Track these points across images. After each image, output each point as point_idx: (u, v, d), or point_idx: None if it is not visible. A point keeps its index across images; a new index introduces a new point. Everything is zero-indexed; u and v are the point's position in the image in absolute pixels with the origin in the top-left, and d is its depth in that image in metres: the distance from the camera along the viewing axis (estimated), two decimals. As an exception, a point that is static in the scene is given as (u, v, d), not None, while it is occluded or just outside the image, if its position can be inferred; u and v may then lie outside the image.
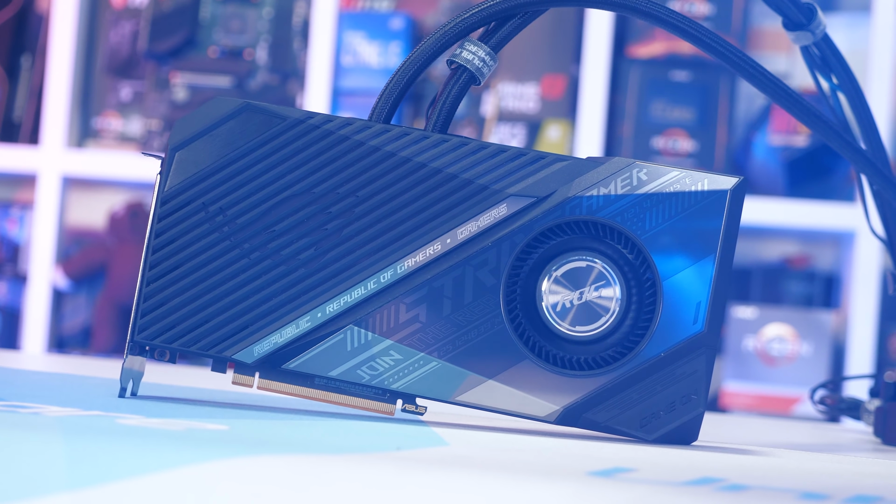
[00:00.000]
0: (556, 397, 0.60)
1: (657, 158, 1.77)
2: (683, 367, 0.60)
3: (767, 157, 1.75)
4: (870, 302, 1.70)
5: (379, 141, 0.62)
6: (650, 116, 1.80)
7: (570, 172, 0.61)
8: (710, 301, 0.60)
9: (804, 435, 0.82)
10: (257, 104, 0.62)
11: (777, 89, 0.68)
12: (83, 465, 0.41)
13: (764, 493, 0.44)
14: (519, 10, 0.64)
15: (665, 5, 0.65)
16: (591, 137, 1.77)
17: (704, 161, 1.77)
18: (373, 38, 1.84)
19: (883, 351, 1.76)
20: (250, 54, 1.89)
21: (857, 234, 1.70)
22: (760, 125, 1.76)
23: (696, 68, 1.79)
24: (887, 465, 0.60)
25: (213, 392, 0.72)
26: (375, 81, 1.84)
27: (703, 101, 1.79)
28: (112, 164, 1.85)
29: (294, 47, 1.88)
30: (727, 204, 0.60)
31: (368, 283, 0.61)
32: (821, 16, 0.73)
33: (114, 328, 1.85)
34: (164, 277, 0.62)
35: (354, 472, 0.43)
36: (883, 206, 0.79)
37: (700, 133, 1.79)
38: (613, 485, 0.44)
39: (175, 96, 1.88)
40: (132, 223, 1.84)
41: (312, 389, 0.62)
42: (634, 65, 1.80)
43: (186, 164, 0.62)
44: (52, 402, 0.56)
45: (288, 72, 1.88)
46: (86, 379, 0.77)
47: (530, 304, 0.61)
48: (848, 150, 0.71)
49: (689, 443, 0.61)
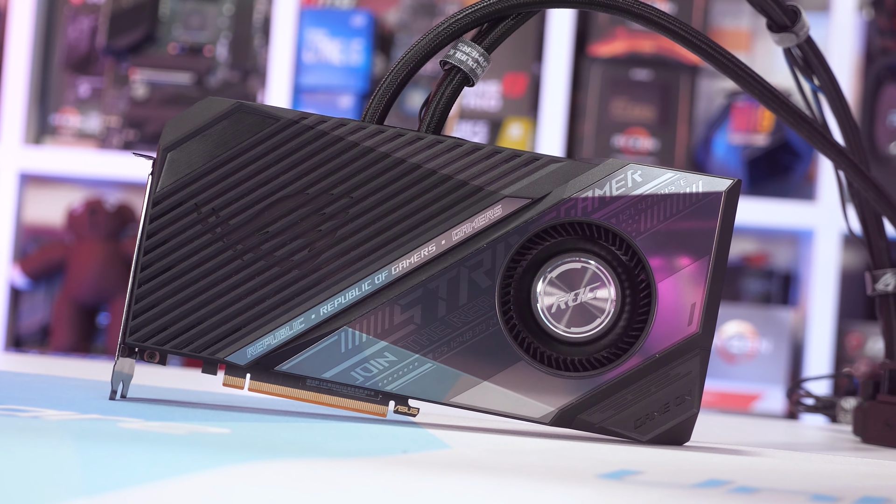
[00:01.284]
0: (551, 399, 0.60)
1: (618, 156, 1.78)
2: (678, 369, 0.60)
3: (727, 155, 1.76)
4: (828, 300, 1.72)
5: (373, 142, 0.62)
6: (611, 115, 1.80)
7: (564, 174, 0.61)
8: (705, 302, 0.60)
9: (783, 434, 0.83)
10: (250, 104, 0.62)
11: (763, 90, 0.68)
12: (99, 470, 0.40)
13: (775, 496, 0.44)
14: (512, 11, 0.64)
15: (656, 7, 0.65)
16: (552, 136, 1.77)
17: (665, 159, 1.77)
18: (334, 36, 1.84)
19: (841, 348, 1.78)
20: (210, 51, 1.88)
21: (816, 233, 1.72)
22: (720, 124, 1.78)
23: (656, 67, 1.80)
24: (881, 465, 0.60)
25: (202, 394, 0.71)
26: (337, 78, 1.83)
27: (663, 99, 1.80)
28: (70, 160, 1.83)
29: (255, 44, 1.88)
30: (722, 206, 0.61)
31: (363, 285, 0.61)
32: (804, 18, 0.74)
33: (72, 326, 1.84)
34: (157, 279, 0.62)
35: (369, 477, 0.42)
36: (862, 207, 0.79)
37: (660, 131, 1.79)
38: (627, 488, 0.44)
39: (134, 93, 1.86)
40: (91, 220, 1.82)
41: (304, 391, 0.62)
42: (595, 63, 1.81)
43: (178, 164, 0.62)
44: (46, 406, 0.56)
45: (248, 68, 1.87)
46: (68, 380, 0.76)
47: (525, 306, 0.61)
48: (831, 151, 0.72)
49: (681, 443, 0.61)
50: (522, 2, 0.64)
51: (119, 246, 1.84)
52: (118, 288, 1.83)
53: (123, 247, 1.84)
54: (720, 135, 1.77)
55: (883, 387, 0.78)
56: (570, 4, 0.64)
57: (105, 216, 1.83)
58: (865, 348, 1.78)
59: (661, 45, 1.80)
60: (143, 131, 1.85)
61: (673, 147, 1.79)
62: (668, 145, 1.79)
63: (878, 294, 0.80)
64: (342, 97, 1.83)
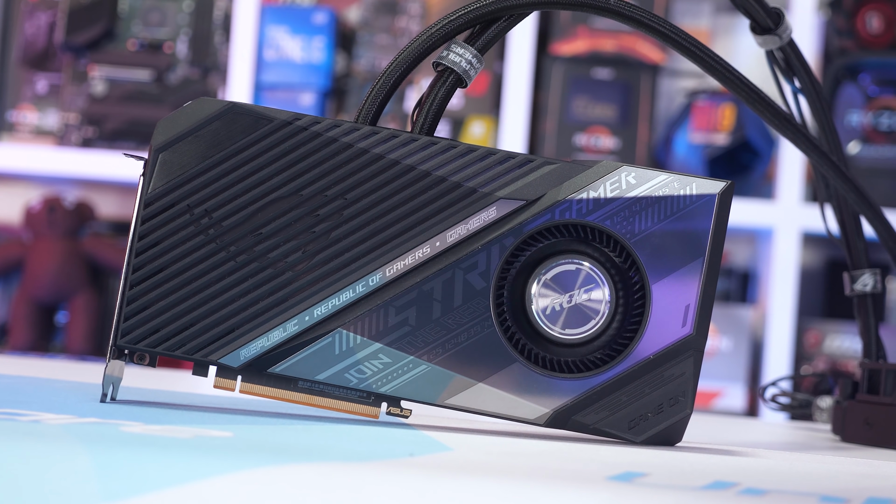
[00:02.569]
0: (546, 400, 0.61)
1: (579, 155, 1.79)
2: (672, 370, 0.61)
3: (688, 154, 1.77)
4: (787, 298, 1.73)
5: (367, 143, 0.61)
6: (573, 113, 1.81)
7: (558, 176, 0.61)
8: (699, 304, 0.61)
9: (761, 433, 0.83)
10: (243, 105, 0.62)
11: (751, 93, 0.69)
12: (116, 476, 0.40)
13: (785, 497, 0.45)
14: (504, 12, 0.64)
15: (651, 11, 0.65)
16: (514, 134, 1.77)
17: (626, 158, 1.78)
18: (296, 33, 1.83)
19: (799, 346, 1.79)
20: (170, 48, 1.87)
21: (775, 231, 1.73)
22: (681, 123, 1.78)
23: (617, 66, 1.81)
24: (873, 464, 0.61)
25: (192, 396, 0.71)
26: (299, 76, 1.83)
27: (624, 98, 1.81)
28: (28, 157, 1.81)
29: (215, 41, 1.87)
30: (715, 208, 0.61)
31: (357, 287, 0.61)
32: (787, 20, 0.74)
33: (30, 325, 1.82)
34: (148, 280, 0.61)
35: (385, 481, 0.42)
36: (841, 208, 0.80)
37: (622, 130, 1.80)
38: (640, 491, 0.44)
39: (93, 90, 1.85)
40: (49, 218, 1.80)
41: (295, 392, 0.62)
42: (557, 62, 1.81)
43: (171, 165, 0.61)
44: (41, 409, 0.55)
45: (209, 66, 1.86)
46: (52, 382, 0.75)
47: (520, 308, 0.61)
48: (814, 153, 0.73)
49: (673, 443, 0.61)
50: (515, 4, 0.64)
51: (78, 244, 1.83)
52: (77, 286, 1.82)
53: (82, 245, 1.83)
54: (681, 134, 1.78)
55: (862, 386, 0.78)
56: (561, 6, 0.64)
57: (63, 214, 1.81)
58: (823, 346, 1.79)
59: (622, 45, 1.81)
60: (102, 128, 1.84)
61: (634, 146, 1.80)
62: (629, 144, 1.80)
63: (856, 294, 0.81)
64: (304, 95, 1.82)
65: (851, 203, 0.78)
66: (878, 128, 1.76)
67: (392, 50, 1.84)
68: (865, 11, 1.78)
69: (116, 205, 1.98)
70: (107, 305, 1.86)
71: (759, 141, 1.77)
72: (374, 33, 1.85)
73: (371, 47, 1.85)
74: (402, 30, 1.85)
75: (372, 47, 1.85)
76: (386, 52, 1.84)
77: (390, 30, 1.85)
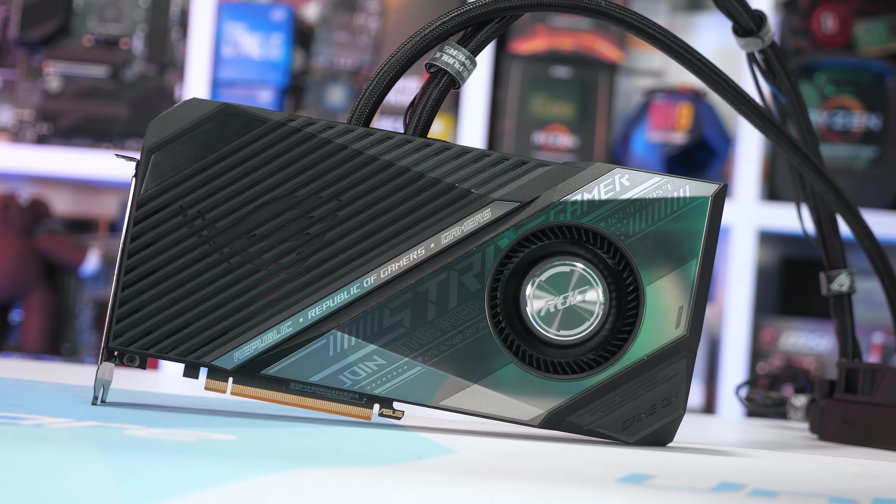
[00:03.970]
0: (541, 401, 0.61)
1: (538, 153, 1.79)
2: (665, 371, 0.61)
3: (646, 152, 1.78)
4: (744, 295, 1.74)
5: (362, 144, 0.61)
6: (531, 112, 1.81)
7: (552, 177, 0.61)
8: (692, 305, 0.61)
9: (740, 432, 0.84)
10: (237, 106, 0.61)
11: (737, 95, 0.69)
12: (135, 482, 0.40)
13: (795, 499, 0.45)
14: (497, 14, 0.64)
15: (641, 14, 0.66)
16: (472, 132, 1.78)
17: (584, 156, 1.79)
18: (254, 30, 1.82)
19: (755, 343, 1.81)
20: (126, 44, 1.85)
21: (732, 229, 1.74)
22: (639, 121, 1.79)
23: (575, 64, 1.82)
24: (865, 464, 0.62)
25: (182, 398, 0.70)
26: (257, 73, 1.82)
27: (582, 96, 1.81)
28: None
29: (172, 37, 1.85)
30: (709, 210, 0.61)
31: (351, 288, 0.61)
32: (769, 23, 0.75)
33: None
34: (141, 282, 0.61)
35: (404, 484, 0.42)
36: (818, 209, 0.81)
37: (580, 128, 1.81)
38: (654, 494, 0.44)
39: (48, 85, 1.83)
40: (4, 215, 1.79)
41: (287, 394, 0.62)
42: (516, 60, 1.81)
43: (163, 166, 0.61)
44: (37, 412, 0.55)
45: (166, 62, 1.85)
46: (36, 384, 0.75)
47: (514, 309, 0.61)
48: (796, 154, 0.73)
49: (665, 444, 0.62)
50: (507, 5, 0.64)
51: (33, 241, 1.81)
52: (31, 284, 1.80)
53: (37, 242, 1.81)
54: (638, 132, 1.79)
55: (839, 385, 0.79)
56: (553, 8, 0.64)
57: (18, 211, 1.80)
58: (779, 343, 1.81)
59: (580, 43, 1.81)
60: (57, 125, 1.82)
61: (592, 144, 1.81)
62: (587, 142, 1.81)
63: (832, 294, 0.82)
64: (261, 92, 1.82)
65: (830, 203, 0.79)
66: (832, 127, 1.77)
67: (350, 47, 1.84)
68: (820, 12, 1.80)
69: (71, 202, 1.96)
70: (62, 303, 1.85)
71: (716, 140, 1.78)
72: (332, 30, 1.85)
73: (329, 44, 1.84)
74: (361, 27, 1.84)
75: (330, 44, 1.84)
76: (344, 49, 1.84)
77: (349, 27, 1.85)
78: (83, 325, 1.85)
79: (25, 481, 0.39)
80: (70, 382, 0.77)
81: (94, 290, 1.86)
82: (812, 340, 1.80)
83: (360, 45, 1.84)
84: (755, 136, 1.75)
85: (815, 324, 1.80)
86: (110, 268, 1.88)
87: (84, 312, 1.85)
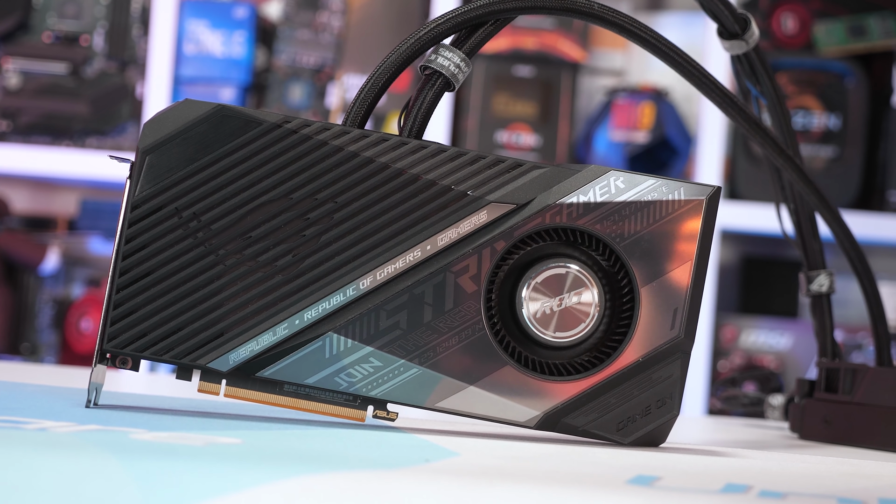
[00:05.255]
0: (537, 403, 0.61)
1: (501, 152, 1.79)
2: (660, 372, 0.62)
3: (608, 151, 1.79)
4: (705, 294, 1.75)
5: (357, 146, 0.61)
6: (494, 110, 1.82)
7: (548, 179, 0.61)
8: (687, 307, 0.62)
9: (720, 432, 0.85)
10: (231, 107, 0.61)
11: (725, 99, 0.70)
12: (155, 488, 0.40)
13: (804, 499, 0.46)
14: (491, 17, 0.64)
15: (630, 16, 0.66)
16: (436, 130, 1.78)
17: (547, 155, 1.80)
18: (216, 27, 1.82)
19: (716, 341, 1.82)
20: (86, 40, 1.84)
21: (694, 228, 1.75)
22: (601, 121, 1.80)
23: (538, 64, 1.82)
24: (856, 464, 0.62)
25: (174, 400, 0.70)
26: (219, 70, 1.81)
27: (545, 96, 1.82)
28: (-59, 151, 1.78)
29: (133, 34, 1.84)
30: (703, 212, 0.62)
31: (347, 290, 0.61)
32: (754, 26, 0.76)
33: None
34: (136, 284, 0.60)
35: (421, 487, 0.42)
36: (798, 210, 0.82)
37: (542, 127, 1.82)
38: (666, 496, 0.45)
39: (7, 82, 1.81)
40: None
41: (281, 396, 0.62)
42: (479, 59, 1.82)
43: (158, 168, 0.61)
44: (36, 416, 0.54)
45: (126, 59, 1.84)
46: (22, 386, 0.74)
47: (510, 311, 0.61)
48: (781, 157, 0.74)
49: (657, 444, 0.62)
50: (501, 8, 0.64)
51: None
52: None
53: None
54: (601, 131, 1.80)
55: (820, 385, 0.80)
56: (545, 11, 0.65)
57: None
58: (739, 341, 1.82)
59: (543, 43, 1.82)
60: (17, 122, 1.81)
61: (555, 143, 1.81)
62: (549, 141, 1.81)
63: (812, 294, 0.83)
64: (224, 89, 1.81)
65: (811, 205, 0.80)
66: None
67: (312, 45, 1.83)
68: (781, 12, 1.82)
69: (31, 200, 1.95)
70: (21, 302, 1.83)
71: (678, 139, 1.79)
72: (294, 28, 1.84)
73: (292, 42, 1.84)
74: (324, 25, 1.84)
75: (293, 42, 1.84)
76: (307, 47, 1.83)
77: (311, 25, 1.84)
78: (42, 324, 1.84)
79: (47, 487, 0.39)
80: (53, 384, 0.77)
81: (53, 289, 1.85)
82: (772, 338, 1.81)
83: (323, 44, 1.84)
84: (716, 136, 1.76)
85: (775, 322, 1.82)
86: (70, 266, 1.86)
87: (44, 311, 1.84)
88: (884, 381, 0.76)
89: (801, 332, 1.80)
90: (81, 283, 1.87)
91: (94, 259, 1.88)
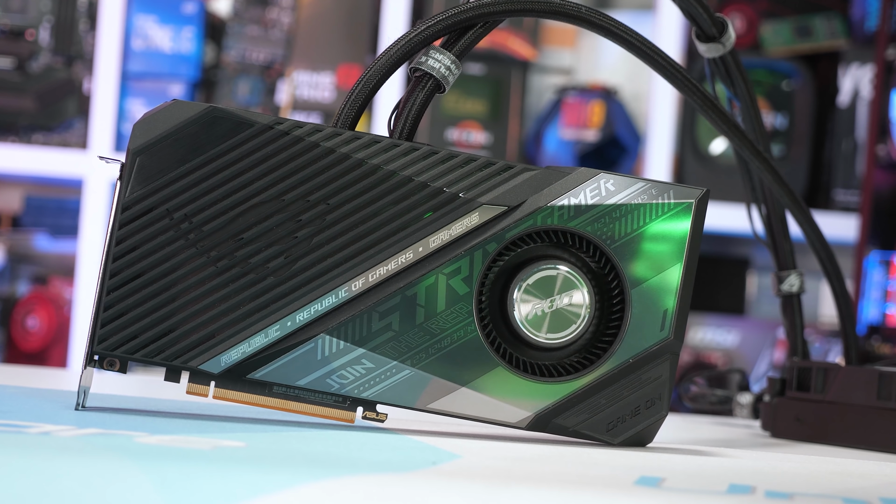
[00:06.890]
0: (528, 403, 0.61)
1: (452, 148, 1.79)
2: (649, 373, 0.62)
3: (558, 149, 1.80)
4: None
5: (349, 148, 0.61)
6: (444, 108, 1.82)
7: (539, 182, 0.62)
8: (677, 308, 0.62)
9: (693, 431, 0.85)
10: (223, 108, 0.61)
11: (705, 101, 0.70)
12: (176, 493, 0.40)
13: (810, 500, 0.46)
14: (480, 19, 0.64)
15: (618, 20, 0.66)
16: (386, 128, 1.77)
17: (497, 153, 1.80)
18: (165, 23, 1.80)
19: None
20: (32, 35, 1.82)
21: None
22: (551, 119, 1.81)
23: (488, 62, 1.83)
24: (845, 463, 0.63)
25: (167, 402, 0.70)
26: (167, 66, 1.80)
27: (495, 93, 1.83)
28: None
29: (80, 29, 1.82)
30: (692, 214, 0.62)
31: (339, 292, 0.61)
32: (731, 29, 0.76)
33: None
34: (126, 286, 0.60)
35: (438, 491, 0.43)
36: (770, 211, 0.83)
37: (493, 125, 1.82)
38: (675, 497, 0.45)
39: (-49, 77, 1.79)
40: None
41: (270, 398, 0.62)
42: (429, 57, 1.81)
43: (149, 169, 0.60)
44: (34, 419, 0.54)
45: (73, 54, 1.82)
46: (6, 388, 0.73)
47: (502, 312, 0.62)
48: (757, 158, 0.75)
49: (645, 444, 0.63)
50: (490, 11, 0.64)
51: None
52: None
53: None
54: (551, 130, 1.81)
55: (791, 383, 0.81)
56: (535, 14, 0.65)
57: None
58: (687, 338, 1.84)
59: (493, 41, 1.82)
60: (-39, 117, 1.78)
61: (505, 141, 1.82)
62: (499, 139, 1.82)
63: (783, 294, 0.84)
64: (172, 85, 1.80)
65: (785, 206, 0.81)
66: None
67: (262, 41, 1.83)
68: (728, 12, 1.83)
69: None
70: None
71: (628, 137, 1.81)
72: (244, 24, 1.83)
73: (241, 38, 1.83)
74: (273, 21, 1.83)
75: (242, 38, 1.83)
76: (256, 43, 1.83)
77: (261, 21, 1.83)
78: (-13, 321, 1.81)
79: (67, 493, 0.39)
80: (33, 386, 0.76)
81: (-2, 286, 1.82)
82: (719, 335, 1.83)
83: (273, 40, 1.83)
84: (665, 134, 1.77)
85: (723, 319, 1.84)
86: (15, 263, 1.84)
87: (-12, 309, 1.82)
88: (856, 380, 0.77)
89: (747, 328, 1.82)
90: (27, 281, 1.85)
91: (40, 256, 1.87)
